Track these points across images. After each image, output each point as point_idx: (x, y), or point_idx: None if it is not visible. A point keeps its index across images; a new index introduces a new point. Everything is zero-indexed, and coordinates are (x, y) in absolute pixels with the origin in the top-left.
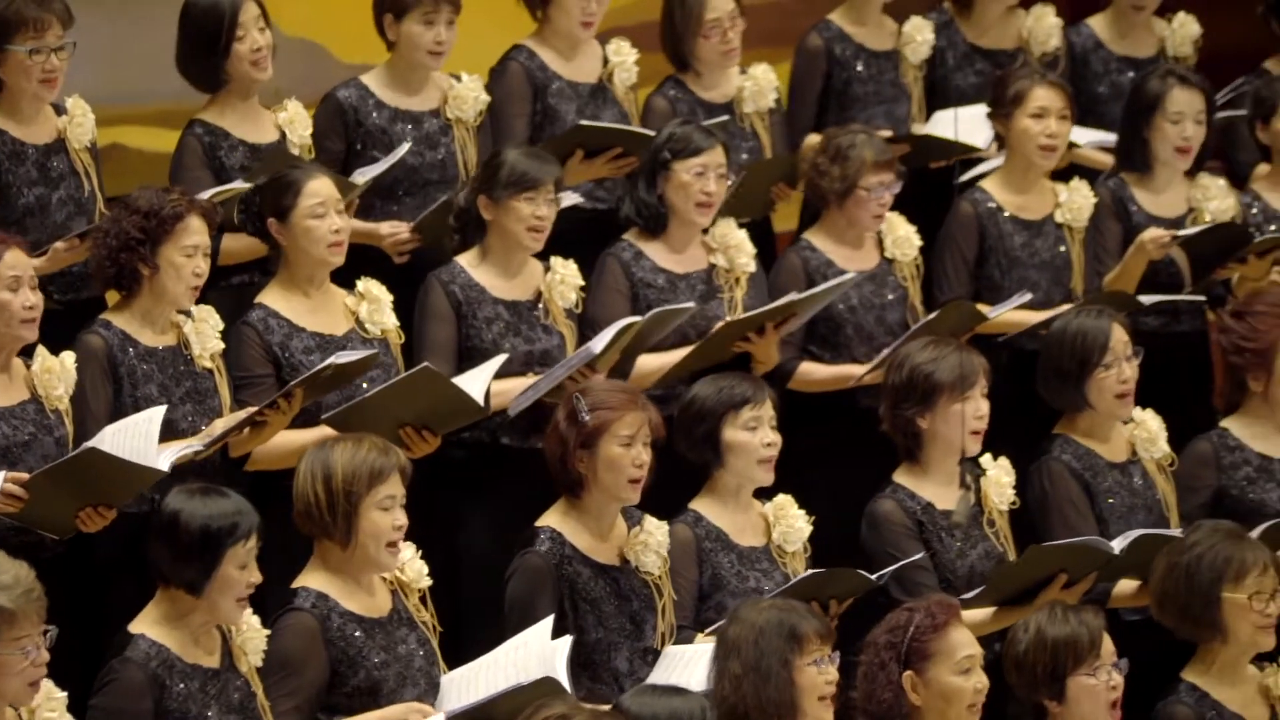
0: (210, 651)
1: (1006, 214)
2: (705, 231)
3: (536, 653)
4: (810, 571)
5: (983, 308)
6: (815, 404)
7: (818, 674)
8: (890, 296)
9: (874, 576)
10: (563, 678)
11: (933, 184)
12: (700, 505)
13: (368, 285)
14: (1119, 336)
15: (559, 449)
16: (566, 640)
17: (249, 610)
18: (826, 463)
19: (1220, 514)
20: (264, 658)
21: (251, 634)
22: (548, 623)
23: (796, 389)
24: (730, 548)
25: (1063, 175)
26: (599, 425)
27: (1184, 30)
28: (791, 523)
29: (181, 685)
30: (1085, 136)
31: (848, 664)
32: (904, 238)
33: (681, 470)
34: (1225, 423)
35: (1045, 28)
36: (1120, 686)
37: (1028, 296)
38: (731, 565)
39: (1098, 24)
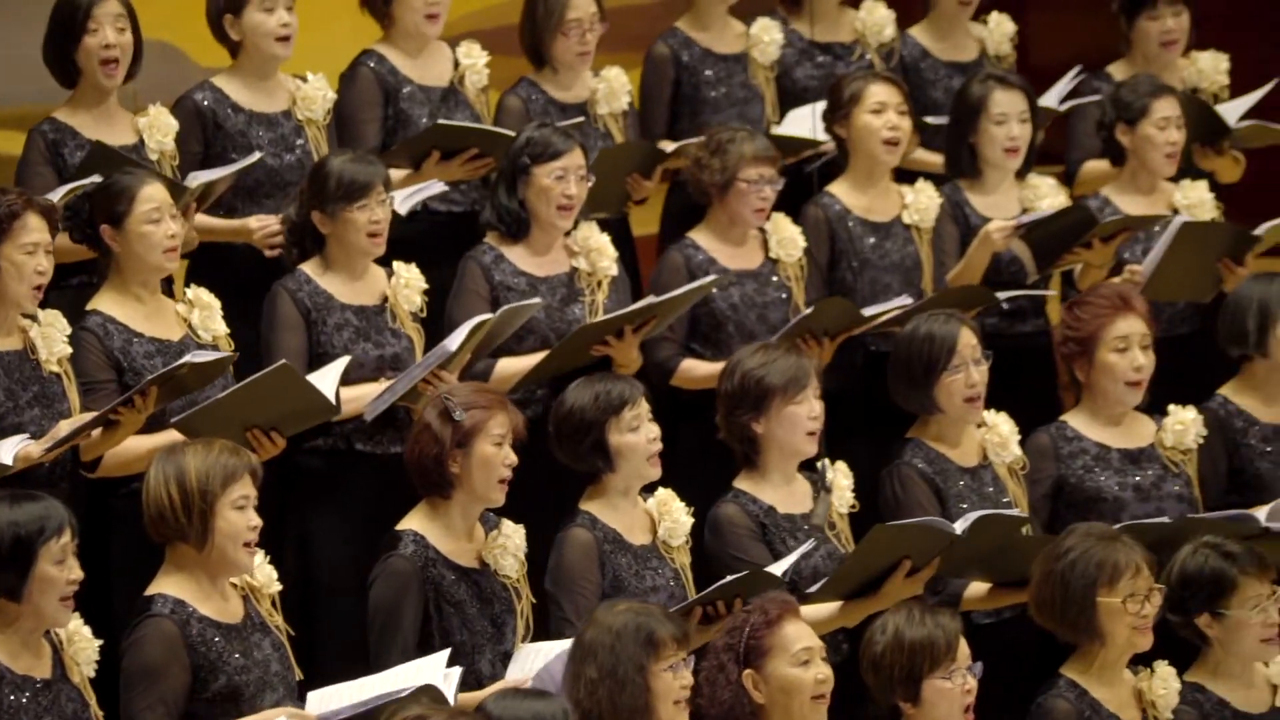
0: (40, 661)
1: (855, 217)
2: (568, 235)
3: (428, 678)
4: (730, 578)
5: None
6: (694, 400)
7: (673, 679)
8: (773, 296)
9: (780, 574)
10: (450, 696)
11: (811, 187)
12: (591, 507)
13: (198, 293)
14: (967, 340)
15: (433, 449)
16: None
17: (79, 619)
18: (705, 458)
19: (1061, 502)
20: (123, 666)
21: (83, 644)
22: (443, 657)
23: (679, 385)
24: (625, 548)
25: (904, 180)
26: (474, 425)
27: (1000, 29)
28: (676, 517)
29: (12, 696)
30: (935, 119)
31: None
32: (789, 238)
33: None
34: (1065, 416)
35: (878, 19)
36: (974, 690)
37: (908, 302)
38: (629, 565)
39: (919, 32)
